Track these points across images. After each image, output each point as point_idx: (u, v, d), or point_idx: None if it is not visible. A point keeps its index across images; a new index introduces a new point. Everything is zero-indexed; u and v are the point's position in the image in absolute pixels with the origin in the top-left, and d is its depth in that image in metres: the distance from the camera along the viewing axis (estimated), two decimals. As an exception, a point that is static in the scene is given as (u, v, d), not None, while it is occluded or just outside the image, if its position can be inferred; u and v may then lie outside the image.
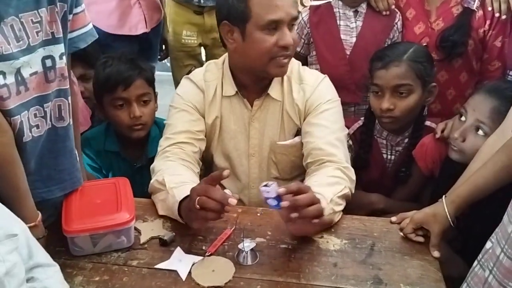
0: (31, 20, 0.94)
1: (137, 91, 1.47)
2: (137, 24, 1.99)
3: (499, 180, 1.05)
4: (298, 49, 1.77)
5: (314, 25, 1.75)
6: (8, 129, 0.94)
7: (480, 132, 1.29)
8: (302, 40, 1.77)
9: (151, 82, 1.52)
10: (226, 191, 1.03)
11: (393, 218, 1.19)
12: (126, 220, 1.06)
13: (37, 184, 1.05)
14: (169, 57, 2.32)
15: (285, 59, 1.24)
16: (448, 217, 1.08)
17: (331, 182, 1.17)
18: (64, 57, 1.02)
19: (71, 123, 1.10)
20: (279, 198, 0.95)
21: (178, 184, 1.14)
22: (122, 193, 1.13)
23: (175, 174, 1.19)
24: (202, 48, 2.24)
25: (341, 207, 1.17)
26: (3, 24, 0.90)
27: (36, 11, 0.95)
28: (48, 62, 0.99)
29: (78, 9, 1.06)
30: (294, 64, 1.38)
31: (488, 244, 0.95)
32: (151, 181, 1.24)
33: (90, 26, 1.12)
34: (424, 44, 1.61)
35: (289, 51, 1.23)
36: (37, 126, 1.01)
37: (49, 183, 1.08)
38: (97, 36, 1.15)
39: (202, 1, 2.04)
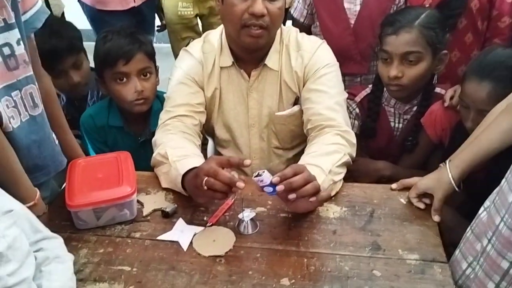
0: None
1: (138, 65, 1.46)
2: None
3: (504, 142, 1.02)
4: (302, 19, 1.72)
5: None
6: None
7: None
8: (306, 10, 1.72)
9: (151, 56, 1.51)
10: (234, 173, 1.02)
11: (394, 185, 1.18)
12: (127, 194, 1.08)
13: None
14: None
15: (257, 30, 1.19)
16: (452, 181, 1.06)
17: (329, 151, 1.16)
18: (21, 42, 0.99)
19: (42, 108, 1.08)
20: (274, 184, 0.95)
21: (181, 158, 1.15)
22: (123, 167, 1.15)
23: (177, 147, 1.20)
24: (198, 19, 2.21)
25: (341, 176, 1.17)
26: None
27: None
28: (6, 50, 0.97)
29: None
30: (292, 32, 1.35)
31: (482, 211, 0.93)
32: (154, 154, 1.24)
33: (40, 3, 1.09)
34: (427, 6, 1.54)
35: (261, 22, 1.18)
36: (12, 117, 1.00)
37: (35, 171, 1.09)
38: (49, 12, 1.12)
39: None
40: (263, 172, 0.97)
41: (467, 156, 1.06)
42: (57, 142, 1.17)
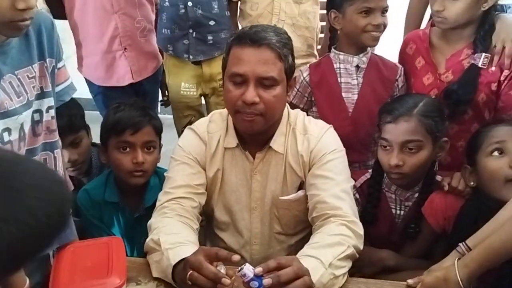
0: (27, 76, 0.97)
1: (144, 138, 1.48)
2: (124, 75, 2.06)
3: None
4: (301, 105, 1.75)
5: (315, 85, 1.71)
6: None
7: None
8: (305, 98, 1.74)
9: (158, 131, 1.54)
10: (221, 268, 0.97)
11: (410, 281, 1.11)
12: (116, 286, 1.02)
13: None
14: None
15: (249, 116, 1.20)
16: (460, 283, 1.00)
17: (332, 243, 1.11)
18: (50, 111, 1.04)
19: None
20: (261, 277, 0.89)
21: (174, 245, 1.10)
22: (114, 255, 1.09)
23: (172, 233, 1.15)
24: (202, 97, 2.24)
25: (344, 270, 1.10)
26: (2, 81, 0.91)
27: (30, 67, 0.98)
28: (36, 116, 1.00)
29: (60, 64, 1.10)
30: (300, 115, 1.36)
31: None
32: (147, 240, 1.19)
33: (70, 80, 1.16)
34: (433, 97, 1.57)
35: (253, 110, 1.19)
36: None
37: None
38: (76, 89, 1.19)
39: (191, 57, 2.06)
40: (244, 265, 0.90)
41: (478, 256, 1.00)
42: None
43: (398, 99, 1.52)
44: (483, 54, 1.50)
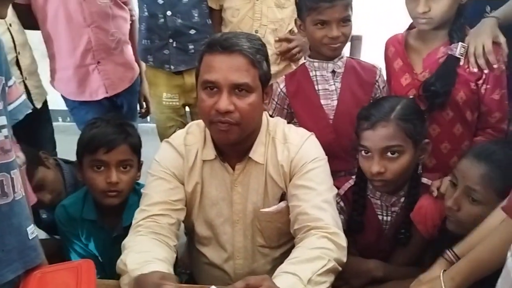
0: None
1: (119, 156, 1.43)
2: (97, 90, 2.02)
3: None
4: (283, 117, 1.70)
5: (292, 94, 1.67)
6: None
7: (474, 199, 1.20)
8: (285, 110, 1.71)
9: (136, 149, 1.49)
10: None
11: None
12: None
13: None
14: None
15: (223, 125, 1.16)
16: None
17: (312, 257, 1.07)
18: (3, 130, 0.99)
19: (17, 198, 1.03)
20: None
21: (141, 265, 1.05)
22: (83, 280, 1.04)
23: (141, 252, 1.11)
24: (186, 108, 2.20)
25: (325, 285, 1.06)
26: None
27: None
28: None
29: (11, 82, 1.06)
30: (279, 124, 1.33)
31: None
32: (118, 261, 1.14)
33: (24, 97, 1.12)
34: (411, 97, 1.55)
35: (228, 118, 1.15)
36: None
37: None
38: (32, 107, 1.15)
39: (172, 67, 2.02)
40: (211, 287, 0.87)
41: (465, 269, 0.98)
42: (32, 236, 1.08)
43: (375, 104, 1.47)
44: (460, 43, 1.49)
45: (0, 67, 1.00)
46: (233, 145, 1.24)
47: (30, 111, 1.12)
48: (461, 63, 1.51)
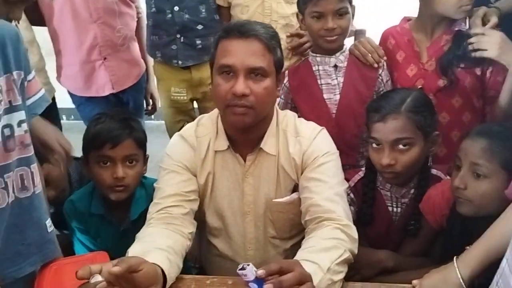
0: None
1: (124, 152, 1.43)
2: (103, 86, 2.03)
3: None
4: None
5: (294, 89, 1.68)
6: None
7: (479, 174, 1.20)
8: (289, 105, 1.71)
9: (141, 144, 1.48)
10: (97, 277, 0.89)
11: (415, 282, 1.07)
12: None
13: (6, 264, 0.98)
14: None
15: (239, 108, 1.17)
16: (462, 283, 0.97)
17: (328, 247, 1.06)
18: (23, 125, 1.00)
19: (37, 191, 1.04)
20: (261, 280, 0.85)
21: (139, 254, 1.02)
22: None
23: (145, 242, 1.10)
24: (194, 102, 2.21)
25: (341, 275, 1.06)
26: None
27: None
28: (7, 131, 0.96)
29: (30, 76, 1.07)
30: (290, 117, 1.33)
31: None
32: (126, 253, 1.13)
33: (43, 91, 1.13)
34: (419, 87, 1.55)
35: (244, 101, 1.16)
36: None
37: (18, 260, 1.00)
38: (50, 101, 1.16)
39: (180, 62, 2.03)
40: (248, 265, 0.86)
41: (478, 253, 0.98)
42: (50, 229, 1.09)
43: (385, 96, 1.47)
44: (467, 18, 1.50)
45: (20, 61, 1.00)
46: (247, 131, 1.24)
47: (48, 103, 1.13)
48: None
